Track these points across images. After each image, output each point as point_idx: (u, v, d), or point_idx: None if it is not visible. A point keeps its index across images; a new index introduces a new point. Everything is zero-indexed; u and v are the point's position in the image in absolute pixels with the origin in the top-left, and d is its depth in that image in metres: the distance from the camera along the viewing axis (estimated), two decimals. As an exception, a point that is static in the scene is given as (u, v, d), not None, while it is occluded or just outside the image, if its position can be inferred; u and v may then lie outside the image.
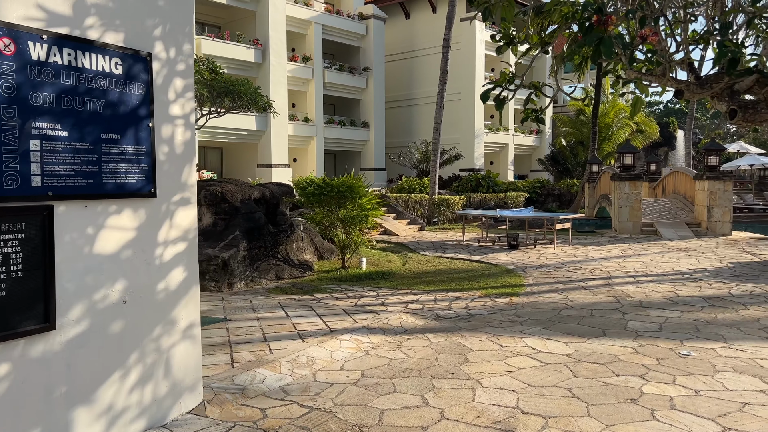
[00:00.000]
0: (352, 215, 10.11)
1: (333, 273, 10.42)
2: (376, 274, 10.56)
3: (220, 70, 17.35)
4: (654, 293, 9.01)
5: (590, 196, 25.51)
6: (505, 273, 11.02)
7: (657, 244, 15.66)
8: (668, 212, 19.87)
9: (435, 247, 14.94)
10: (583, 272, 11.09)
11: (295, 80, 32.29)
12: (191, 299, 4.24)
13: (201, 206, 9.88)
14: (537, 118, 5.98)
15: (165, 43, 4.00)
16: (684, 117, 63.39)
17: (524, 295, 8.94)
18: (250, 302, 7.79)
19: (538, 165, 38.17)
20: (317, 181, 10.48)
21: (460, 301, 8.46)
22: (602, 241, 16.25)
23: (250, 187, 10.40)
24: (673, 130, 51.98)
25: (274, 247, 10.07)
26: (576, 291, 9.24)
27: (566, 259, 12.94)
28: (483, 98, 5.71)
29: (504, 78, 5.80)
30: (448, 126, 37.66)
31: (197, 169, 15.87)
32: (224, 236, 9.35)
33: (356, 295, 8.76)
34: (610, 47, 4.45)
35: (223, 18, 31.76)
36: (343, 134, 35.25)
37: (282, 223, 10.52)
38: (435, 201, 20.85)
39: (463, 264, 12.25)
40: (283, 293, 8.87)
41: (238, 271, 9.14)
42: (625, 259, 12.92)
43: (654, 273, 11.00)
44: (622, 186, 18.28)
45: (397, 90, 40.11)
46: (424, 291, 9.19)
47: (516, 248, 14.66)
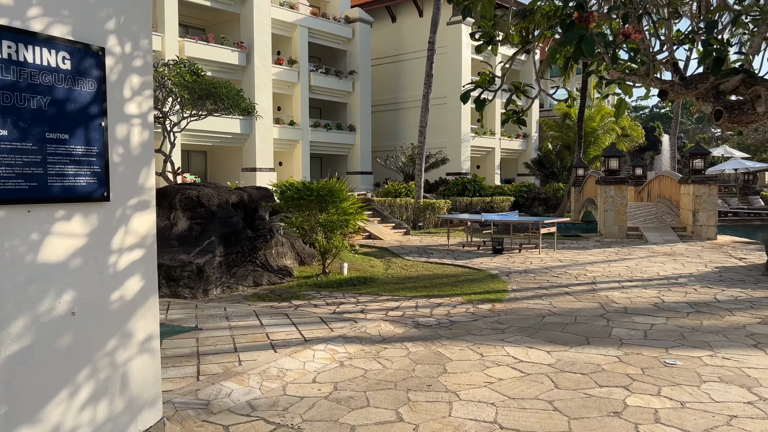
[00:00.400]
0: (333, 220, 9.87)
1: (313, 279, 10.18)
2: (358, 280, 10.33)
3: (202, 72, 17.06)
4: (639, 299, 8.86)
5: (576, 200, 25.45)
6: (489, 278, 10.83)
7: (642, 248, 15.57)
8: (654, 216, 19.82)
9: (419, 252, 14.73)
10: (568, 277, 10.93)
11: (280, 83, 32.01)
12: (149, 310, 3.98)
13: (176, 210, 9.60)
14: (518, 119, 5.80)
15: (120, 38, 3.75)
16: (669, 121, 63.80)
17: (507, 301, 8.75)
18: (225, 310, 7.52)
19: (525, 169, 38.14)
20: (297, 185, 10.24)
21: (441, 307, 8.25)
22: (588, 246, 16.14)
23: (228, 191, 10.13)
24: (658, 134, 52.33)
25: (253, 253, 9.81)
26: (560, 297, 9.06)
27: (551, 263, 12.78)
28: (463, 99, 5.51)
29: (484, 79, 5.61)
30: (435, 130, 37.55)
31: (179, 172, 15.55)
32: (200, 241, 9.07)
33: (335, 302, 8.52)
34: (591, 45, 4.27)
35: (208, 20, 31.44)
36: (330, 138, 35.00)
37: (261, 227, 10.26)
38: (420, 205, 20.66)
39: (446, 269, 12.05)
40: (260, 300, 8.61)
41: (214, 278, 8.86)
42: (610, 263, 12.79)
43: (639, 278, 10.86)
44: (608, 190, 18.20)
45: (383, 93, 39.95)
46: (406, 297, 8.97)
47: (501, 253, 14.49)
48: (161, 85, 15.73)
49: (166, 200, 9.69)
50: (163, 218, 9.84)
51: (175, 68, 16.12)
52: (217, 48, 28.09)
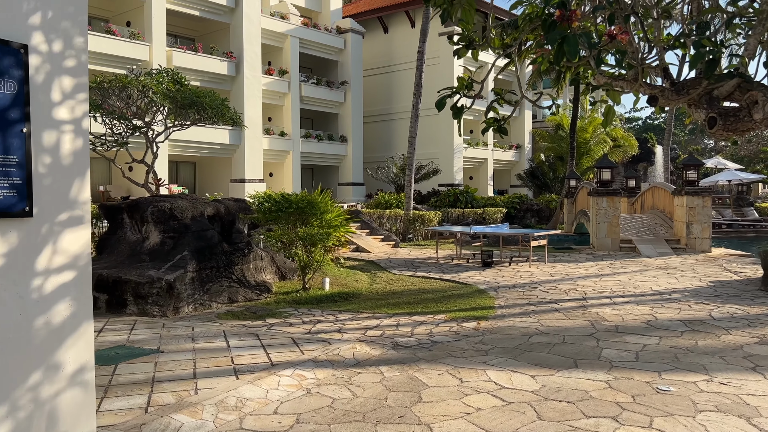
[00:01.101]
0: (312, 233, 9.47)
1: (292, 295, 9.75)
2: (339, 296, 9.91)
3: (185, 81, 16.69)
4: (631, 316, 8.47)
5: (569, 212, 25.13)
6: (476, 293, 10.43)
7: (635, 261, 15.21)
8: (647, 228, 19.50)
9: (407, 265, 14.33)
10: (558, 292, 10.54)
11: (271, 94, 31.69)
12: (81, 337, 3.57)
13: (148, 224, 9.18)
14: (499, 128, 5.43)
15: (47, 34, 3.37)
16: (663, 133, 63.78)
17: (494, 318, 8.35)
18: (192, 330, 7.09)
19: (518, 180, 37.90)
20: (275, 197, 9.84)
21: (424, 326, 7.84)
22: (580, 259, 15.77)
23: (203, 203, 9.72)
24: (651, 145, 52.19)
25: (229, 268, 9.39)
26: (549, 314, 8.67)
27: (541, 278, 12.39)
28: (438, 106, 5.16)
29: (461, 84, 5.25)
30: (427, 140, 37.28)
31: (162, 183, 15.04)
32: (172, 256, 8.65)
33: (312, 321, 8.10)
34: (574, 46, 3.92)
35: (198, 30, 31.15)
36: (321, 149, 34.64)
37: (238, 241, 9.85)
38: (410, 217, 20.29)
39: (433, 284, 11.65)
40: (234, 318, 8.18)
41: (186, 295, 8.43)
42: (602, 278, 12.42)
43: (632, 293, 10.48)
44: (600, 201, 17.88)
45: (375, 104, 39.70)
46: (387, 315, 8.55)
47: (490, 266, 14.10)
48: (143, 95, 15.35)
49: (138, 213, 9.28)
50: (135, 232, 9.42)
51: (157, 77, 15.75)
52: (206, 58, 27.76)
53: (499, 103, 5.48)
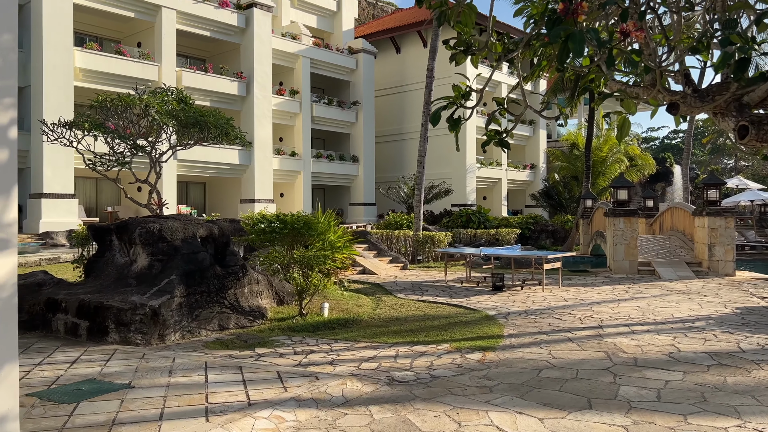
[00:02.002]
0: (308, 255, 8.95)
1: (288, 321, 9.20)
2: (338, 322, 9.35)
3: (191, 101, 16.41)
4: (651, 347, 7.80)
5: (585, 233, 24.39)
6: (484, 320, 9.80)
7: (655, 285, 14.47)
8: (666, 250, 18.72)
9: (413, 289, 13.73)
10: (572, 319, 9.87)
11: (282, 114, 31.51)
12: (4, 382, 3.06)
13: (136, 246, 8.73)
14: (501, 141, 4.89)
15: (-36, 30, 2.92)
16: (681, 152, 62.76)
17: (501, 349, 7.72)
18: (172, 361, 6.57)
19: (532, 200, 37.19)
20: (269, 217, 9.35)
21: (424, 357, 7.24)
22: (596, 282, 15.06)
23: (196, 224, 9.26)
24: (670, 165, 51.23)
25: (221, 292, 8.88)
26: (562, 344, 8.02)
27: (554, 303, 11.73)
28: (432, 121, 4.65)
29: (458, 94, 4.74)
30: (439, 160, 36.81)
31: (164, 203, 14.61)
32: (158, 280, 8.16)
33: (305, 350, 7.54)
34: (580, 43, 3.39)
35: (209, 51, 31.17)
36: (332, 169, 34.32)
37: (232, 264, 9.35)
38: (419, 238, 19.70)
39: (439, 309, 11.04)
40: (222, 347, 7.64)
41: (172, 322, 7.92)
42: (619, 303, 11.72)
43: (651, 320, 9.79)
44: (617, 222, 17.18)
45: (387, 124, 39.40)
46: (386, 344, 7.96)
47: (501, 290, 13.46)
48: (146, 114, 15.07)
49: (127, 234, 8.84)
50: (123, 254, 8.97)
51: (161, 96, 15.47)
52: (216, 78, 27.67)
53: (501, 114, 4.96)
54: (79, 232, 10.60)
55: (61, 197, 22.02)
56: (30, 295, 8.27)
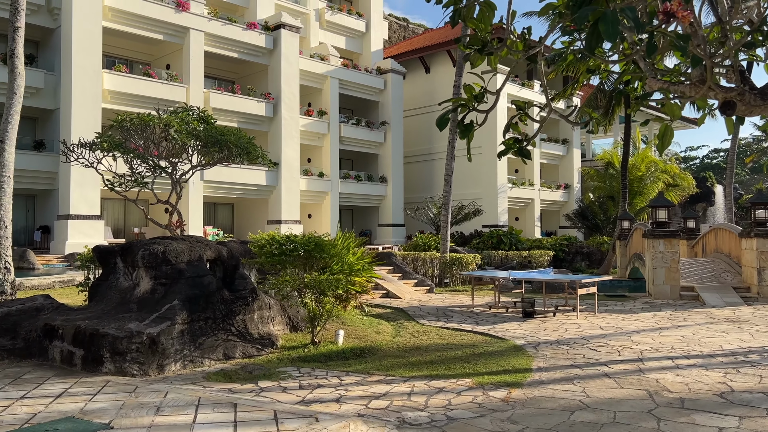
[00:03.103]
0: (320, 279, 8.36)
1: (299, 351, 8.59)
2: (353, 352, 8.70)
3: (212, 120, 16.16)
4: (699, 385, 6.93)
5: (622, 255, 23.28)
6: (512, 351, 9.02)
7: (699, 312, 13.43)
8: (711, 274, 17.57)
9: (438, 314, 13.00)
10: (609, 351, 9.02)
11: (310, 135, 31.32)
12: None
13: (139, 269, 8.27)
14: (521, 150, 4.25)
15: None
16: (722, 172, 60.65)
17: (529, 385, 6.96)
18: (164, 396, 6.01)
19: (566, 221, 36.05)
20: (279, 239, 8.82)
21: (442, 394, 6.53)
22: (634, 308, 14.07)
23: (204, 245, 8.78)
24: (711, 184, 49.39)
25: (228, 319, 8.34)
26: (597, 380, 7.21)
27: (590, 331, 10.86)
28: (439, 125, 4.06)
29: (470, 95, 4.13)
30: (469, 180, 36.09)
31: (180, 224, 14.23)
32: (160, 306, 7.67)
33: (312, 384, 6.90)
34: (614, 24, 2.76)
35: (237, 73, 31.27)
36: (360, 189, 33.91)
37: (241, 288, 8.81)
38: (446, 260, 18.96)
39: (464, 337, 10.29)
40: (224, 380, 7.07)
41: (173, 351, 7.40)
42: (661, 332, 10.79)
43: (698, 353, 8.87)
44: (656, 244, 16.18)
45: (416, 144, 38.92)
46: (402, 378, 7.28)
47: (532, 316, 12.62)
48: (165, 133, 14.84)
49: (130, 257, 8.40)
50: (127, 278, 8.53)
51: (181, 115, 15.25)
52: (243, 99, 27.64)
53: (521, 119, 4.33)
54: (84, 255, 10.26)
55: (87, 218, 22.02)
56: (27, 321, 7.87)
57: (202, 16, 25.92)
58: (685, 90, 3.71)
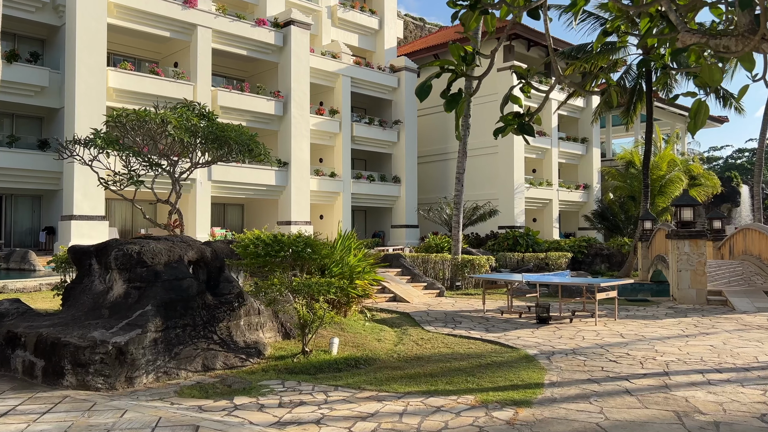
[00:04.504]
0: (309, 283, 7.62)
1: (287, 360, 7.86)
2: (347, 362, 7.95)
3: (214, 116, 15.51)
4: (736, 405, 6.06)
5: (644, 257, 22.23)
6: (523, 362, 8.20)
7: (729, 318, 12.46)
8: (740, 277, 16.52)
9: (446, 320, 12.19)
10: (630, 362, 8.15)
11: (321, 134, 30.68)
12: None
13: (112, 271, 7.61)
14: (522, 127, 3.47)
15: None
16: (748, 173, 58.85)
17: (539, 404, 6.14)
18: (120, 416, 5.31)
19: (586, 222, 34.94)
20: (264, 238, 8.10)
21: (438, 415, 5.74)
22: (658, 314, 13.13)
23: (185, 246, 8.08)
24: (736, 184, 47.89)
25: (210, 326, 7.64)
26: (617, 398, 6.37)
27: (609, 339, 9.98)
28: (419, 93, 3.30)
29: (458, 58, 3.35)
30: (485, 180, 35.17)
31: (176, 224, 13.56)
32: (131, 312, 6.99)
33: (294, 401, 6.15)
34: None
35: (247, 71, 30.75)
36: (373, 190, 33.17)
37: (226, 292, 8.11)
38: (458, 262, 18.12)
39: (471, 346, 9.48)
40: (198, 395, 6.35)
41: (144, 361, 6.70)
42: (687, 340, 9.87)
43: (730, 365, 7.97)
44: (681, 245, 15.19)
45: (430, 144, 38.08)
46: (396, 394, 6.49)
47: (546, 322, 11.76)
48: (162, 129, 14.21)
49: (105, 258, 7.74)
50: (102, 280, 7.87)
51: (180, 111, 14.62)
52: (252, 97, 27.06)
53: (524, 90, 3.55)
54: (59, 256, 9.64)
55: (91, 219, 21.57)
56: (-10, 328, 7.23)
57: (209, 12, 25.40)
58: (729, 44, 2.90)
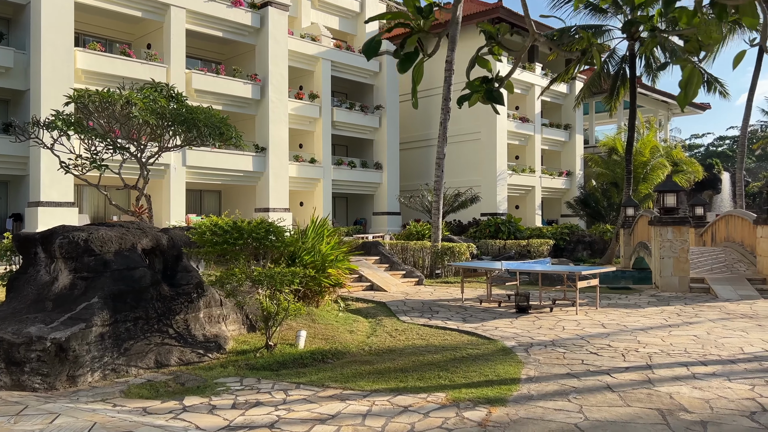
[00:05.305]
0: (271, 273, 7.11)
1: (250, 355, 7.36)
2: (313, 356, 7.47)
3: (183, 98, 14.83)
4: (723, 402, 5.68)
5: (626, 244, 22.01)
6: (499, 355, 7.78)
7: (712, 306, 12.18)
8: (722, 264, 16.29)
9: (423, 310, 11.76)
10: (612, 355, 7.77)
11: (300, 119, 29.97)
12: None
13: (57, 260, 7.04)
14: (490, 94, 2.98)
15: None
16: (728, 160, 59.15)
17: (514, 402, 5.71)
18: (51, 422, 4.78)
19: (568, 209, 34.72)
20: (221, 224, 7.57)
21: (405, 416, 5.29)
22: (640, 302, 12.81)
23: (139, 233, 7.52)
24: (717, 171, 48.04)
25: (165, 318, 7.11)
26: (597, 395, 5.96)
27: (590, 329, 9.61)
28: (367, 52, 2.80)
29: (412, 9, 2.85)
30: (468, 167, 34.77)
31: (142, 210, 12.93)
32: (75, 305, 6.44)
33: (249, 402, 5.67)
34: None
35: (224, 54, 29.89)
36: (354, 176, 32.58)
37: (184, 282, 7.58)
38: (438, 249, 17.68)
39: (447, 337, 9.05)
40: (146, 394, 5.84)
41: (88, 358, 6.17)
42: (671, 330, 9.53)
43: (716, 357, 7.62)
44: (664, 232, 14.88)
45: (413, 130, 37.51)
46: (362, 392, 6.03)
47: (526, 312, 11.38)
48: (126, 111, 13.53)
49: (50, 246, 7.16)
50: (47, 270, 7.29)
51: (145, 91, 13.93)
52: (228, 80, 26.27)
53: (494, 51, 3.06)
54: (5, 244, 9.02)
55: (59, 205, 20.79)
56: None
57: (183, -9, 24.51)
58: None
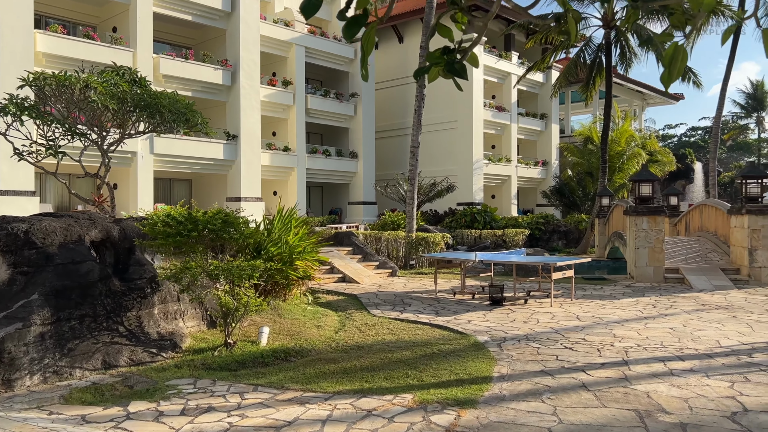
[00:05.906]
0: (228, 266, 6.67)
1: (207, 354, 6.93)
2: (275, 354, 7.07)
3: (147, 83, 14.17)
4: (702, 401, 5.42)
5: (601, 234, 21.92)
6: (471, 351, 7.46)
7: (687, 297, 12.04)
8: (696, 254, 16.23)
9: (395, 302, 11.41)
10: (587, 350, 7.51)
11: (274, 106, 29.31)
12: None
13: (-5, 253, 6.50)
14: (451, 66, 2.59)
15: None
16: (701, 150, 59.84)
17: (485, 403, 5.38)
18: (-27, 434, 4.32)
19: (544, 199, 34.67)
20: (175, 215, 7.09)
21: (369, 421, 4.92)
22: (615, 293, 12.64)
23: (87, 224, 7.01)
24: (690, 161, 48.52)
25: (116, 316, 6.64)
26: (572, 394, 5.67)
27: (564, 322, 9.36)
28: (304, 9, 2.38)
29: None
30: (444, 156, 34.48)
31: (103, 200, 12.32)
32: (12, 303, 5.94)
33: (200, 407, 5.25)
34: None
35: (195, 39, 29.06)
36: (329, 165, 32.06)
37: (137, 277, 7.10)
38: (412, 240, 17.34)
39: (418, 332, 8.71)
40: (91, 398, 5.39)
41: (27, 360, 5.68)
42: (647, 323, 9.32)
43: (692, 352, 7.39)
44: (639, 222, 14.73)
45: (389, 118, 37.07)
46: (324, 395, 5.65)
47: (500, 304, 11.10)
48: (85, 95, 12.86)
49: (-12, 238, 6.61)
50: (-14, 264, 6.74)
51: (105, 75, 13.26)
52: (197, 65, 25.48)
53: (456, 18, 2.67)
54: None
55: (19, 194, 19.97)
56: None
57: (149, -28, 23.64)
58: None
